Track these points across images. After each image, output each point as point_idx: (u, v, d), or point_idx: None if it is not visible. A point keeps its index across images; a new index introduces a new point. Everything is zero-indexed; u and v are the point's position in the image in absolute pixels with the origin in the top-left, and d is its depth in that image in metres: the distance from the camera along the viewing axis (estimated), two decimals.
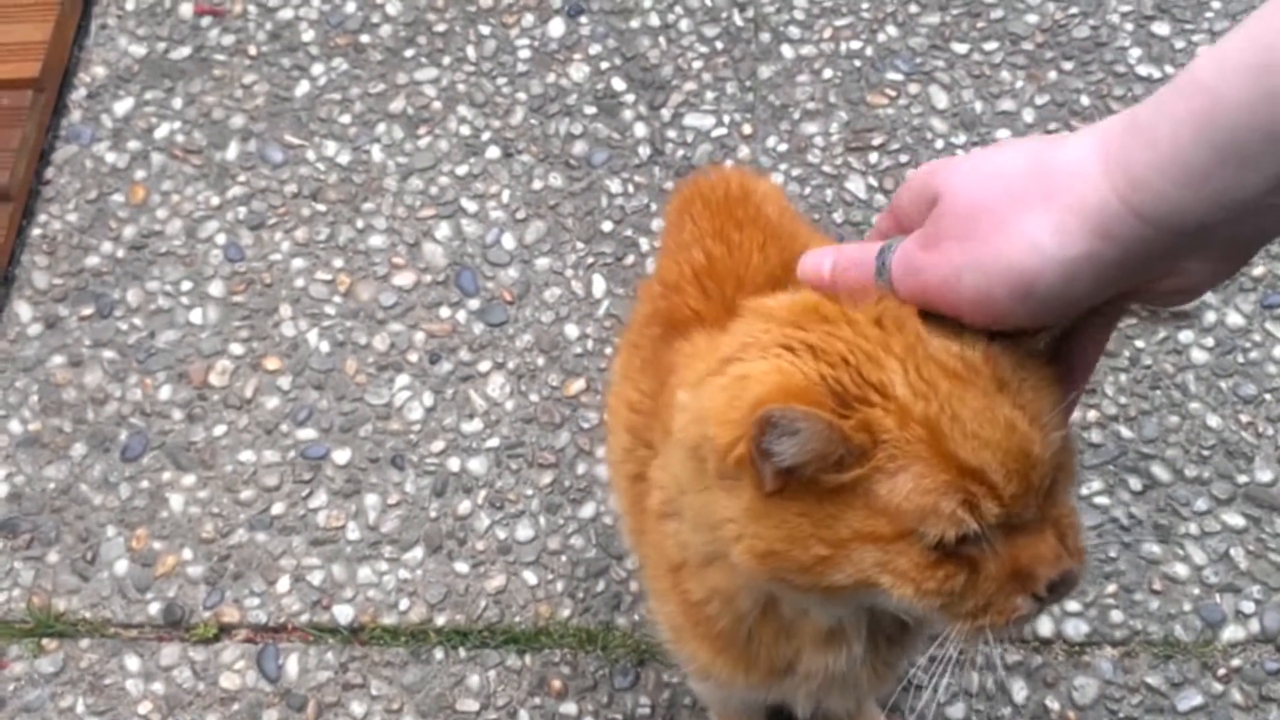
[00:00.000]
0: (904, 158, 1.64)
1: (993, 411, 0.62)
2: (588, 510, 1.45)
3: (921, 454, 0.61)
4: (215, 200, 1.67)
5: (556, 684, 1.36)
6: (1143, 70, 1.66)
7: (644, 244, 1.61)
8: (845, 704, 1.23)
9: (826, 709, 1.01)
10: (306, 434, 1.51)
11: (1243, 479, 1.41)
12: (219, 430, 1.52)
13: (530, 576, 1.42)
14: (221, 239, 1.64)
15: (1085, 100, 1.65)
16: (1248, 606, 1.35)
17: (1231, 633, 1.34)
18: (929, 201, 0.60)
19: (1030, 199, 0.55)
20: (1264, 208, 0.51)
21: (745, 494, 0.66)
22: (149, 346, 1.57)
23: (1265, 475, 1.41)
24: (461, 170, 1.67)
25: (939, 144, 1.64)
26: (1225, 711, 1.30)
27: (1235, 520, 1.40)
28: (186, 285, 1.61)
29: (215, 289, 1.61)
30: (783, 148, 1.66)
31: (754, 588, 0.78)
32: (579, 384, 1.52)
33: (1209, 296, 1.49)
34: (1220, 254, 0.55)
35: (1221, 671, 1.32)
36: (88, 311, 1.60)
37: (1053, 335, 0.65)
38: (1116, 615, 1.36)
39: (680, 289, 0.99)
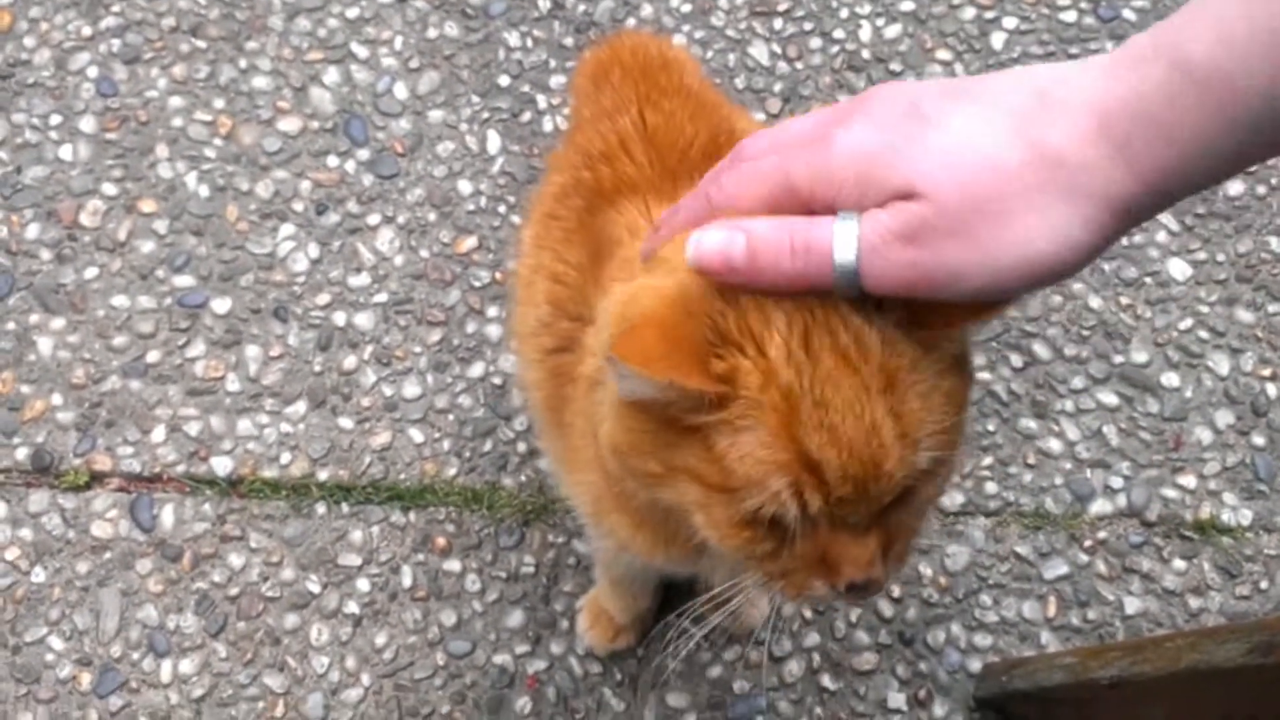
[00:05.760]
0: (808, 25, 1.61)
1: (861, 409, 0.58)
2: (476, 369, 1.43)
3: (770, 424, 0.58)
4: (87, 30, 1.57)
5: (441, 541, 1.35)
6: None
7: (541, 101, 1.56)
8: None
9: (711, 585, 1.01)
10: (184, 281, 1.46)
11: (1119, 359, 1.45)
12: (90, 273, 1.45)
13: (416, 434, 1.40)
14: (94, 72, 1.55)
15: None
16: (1116, 482, 1.40)
17: (1099, 506, 1.39)
18: (885, 192, 0.54)
19: (1043, 192, 0.52)
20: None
21: (612, 389, 0.65)
22: (15, 182, 1.49)
23: (1140, 356, 1.45)
24: (352, 13, 1.60)
25: (844, 13, 1.62)
26: (1089, 581, 1.36)
27: (1109, 399, 1.44)
28: (56, 119, 1.52)
29: (87, 125, 1.52)
30: (686, 8, 1.62)
31: None
32: (471, 241, 1.49)
33: None
34: None
35: (1088, 543, 1.37)
36: None
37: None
38: (991, 487, 1.40)
39: (610, 158, 0.94)
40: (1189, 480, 1.41)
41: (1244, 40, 0.48)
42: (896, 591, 1.35)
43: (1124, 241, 1.50)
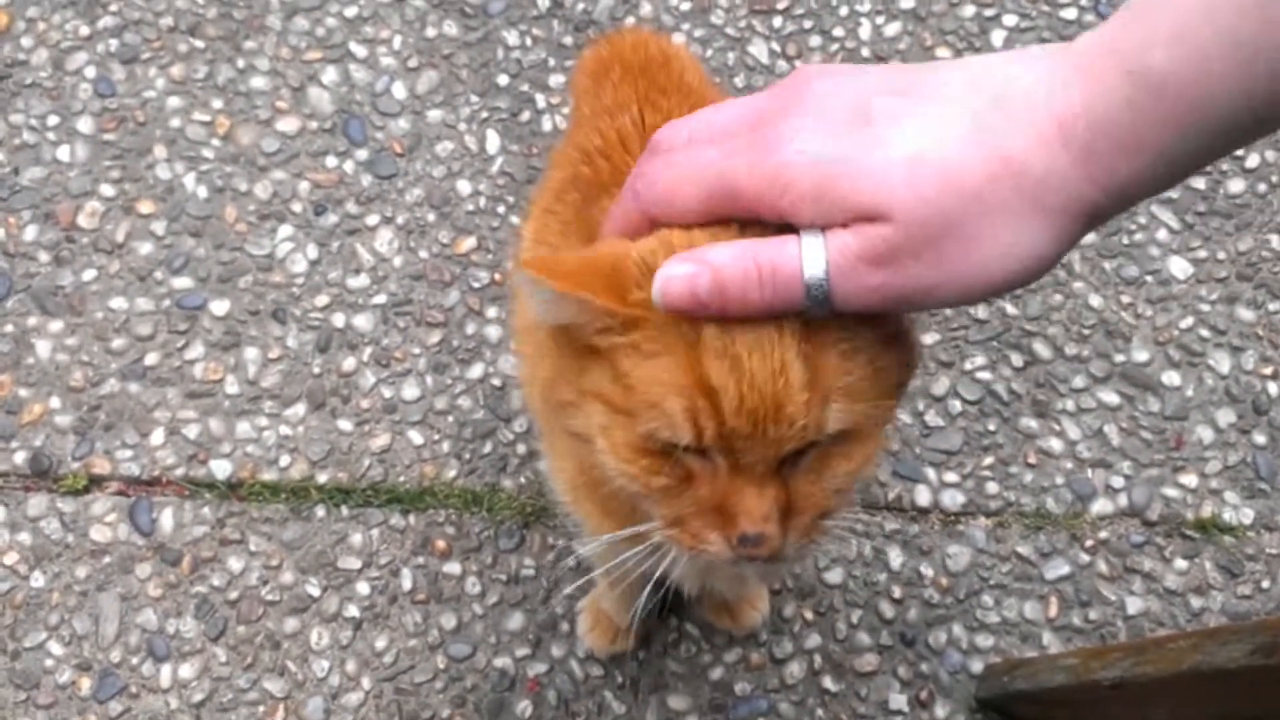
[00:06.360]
0: (808, 23, 1.61)
1: (771, 350, 0.58)
2: (476, 371, 1.43)
3: (675, 349, 0.59)
4: (85, 30, 1.57)
5: (441, 544, 1.35)
6: None
7: (540, 100, 1.56)
8: (734, 590, 1.24)
9: (713, 588, 1.01)
10: (182, 282, 1.45)
11: (1120, 358, 1.45)
12: (88, 275, 1.45)
13: (416, 436, 1.40)
14: (91, 72, 1.54)
15: None
16: (1117, 481, 1.40)
17: (1100, 506, 1.39)
18: (846, 211, 0.53)
19: (1010, 208, 0.52)
20: None
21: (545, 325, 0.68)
22: (13, 184, 1.48)
23: (1141, 355, 1.45)
24: (350, 12, 1.59)
25: (843, 10, 1.62)
26: (1090, 581, 1.36)
27: (1110, 398, 1.44)
28: (53, 120, 1.52)
29: (84, 125, 1.52)
30: (685, 7, 1.62)
31: None
32: (470, 242, 1.48)
33: None
34: None
35: (1089, 543, 1.37)
36: None
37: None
38: (992, 487, 1.39)
39: (609, 155, 0.94)
40: (1190, 479, 1.40)
41: (1209, 48, 0.47)
42: (898, 592, 1.34)
43: (1124, 240, 1.50)
